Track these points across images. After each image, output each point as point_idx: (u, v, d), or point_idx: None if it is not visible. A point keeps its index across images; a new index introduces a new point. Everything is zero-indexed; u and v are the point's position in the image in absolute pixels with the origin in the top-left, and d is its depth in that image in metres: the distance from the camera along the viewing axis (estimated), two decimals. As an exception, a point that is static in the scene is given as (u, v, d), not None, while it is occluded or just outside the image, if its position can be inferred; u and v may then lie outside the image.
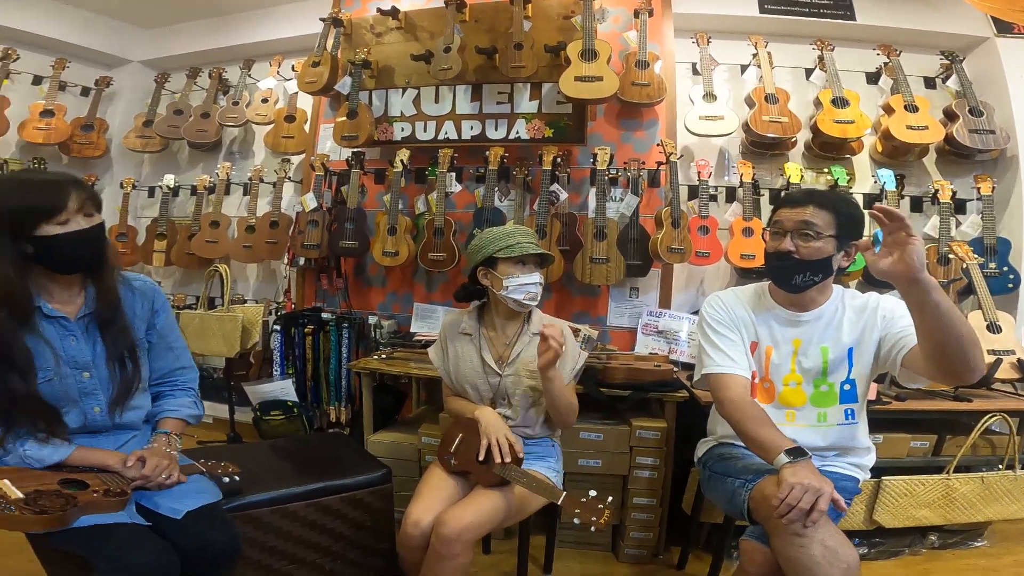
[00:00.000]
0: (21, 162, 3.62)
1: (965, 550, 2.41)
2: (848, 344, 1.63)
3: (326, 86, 3.16)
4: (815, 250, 1.54)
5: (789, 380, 1.67)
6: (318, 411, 3.10)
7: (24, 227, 1.32)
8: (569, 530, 2.40)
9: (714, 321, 1.72)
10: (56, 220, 1.34)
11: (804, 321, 1.65)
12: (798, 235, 1.55)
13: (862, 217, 1.58)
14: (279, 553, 1.84)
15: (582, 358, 1.94)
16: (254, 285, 3.85)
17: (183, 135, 3.69)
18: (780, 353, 1.68)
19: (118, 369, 1.49)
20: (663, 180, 2.95)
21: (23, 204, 1.33)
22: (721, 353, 1.67)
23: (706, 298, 1.80)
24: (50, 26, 3.72)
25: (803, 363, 1.66)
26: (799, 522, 1.29)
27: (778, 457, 1.40)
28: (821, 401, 1.65)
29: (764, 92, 2.87)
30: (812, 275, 1.56)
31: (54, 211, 1.34)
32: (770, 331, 1.69)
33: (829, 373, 1.64)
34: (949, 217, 2.74)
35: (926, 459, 2.35)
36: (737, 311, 1.72)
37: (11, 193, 1.34)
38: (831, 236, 1.53)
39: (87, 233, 1.39)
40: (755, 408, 1.57)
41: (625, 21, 3.06)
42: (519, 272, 1.80)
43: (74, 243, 1.37)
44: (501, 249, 1.79)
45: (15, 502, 1.23)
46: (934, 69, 3.07)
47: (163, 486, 1.45)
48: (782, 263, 1.58)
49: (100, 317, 1.47)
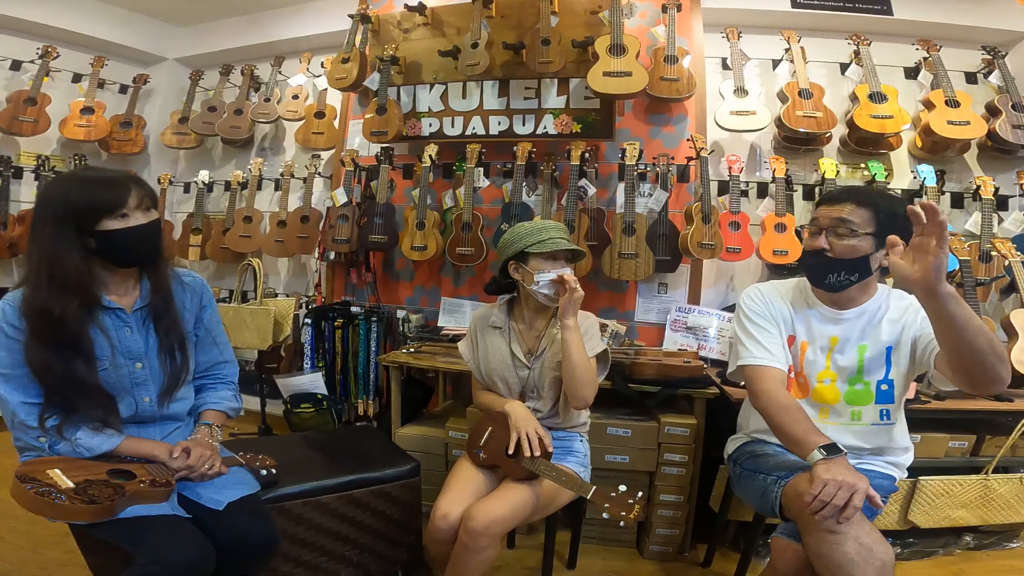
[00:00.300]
0: (63, 159, 3.73)
1: (1001, 551, 2.36)
2: (887, 343, 1.59)
3: (355, 82, 3.19)
4: (849, 248, 1.50)
5: (823, 377, 1.64)
6: (346, 404, 3.14)
7: (87, 222, 1.37)
8: (593, 526, 2.40)
9: (752, 312, 1.68)
10: (117, 215, 1.39)
11: (844, 319, 1.62)
12: (832, 232, 1.52)
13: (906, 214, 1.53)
14: (309, 545, 1.87)
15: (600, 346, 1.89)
16: (285, 279, 3.92)
17: (217, 132, 3.77)
18: (815, 349, 1.65)
19: (168, 361, 1.54)
20: (692, 175, 2.93)
21: (86, 200, 1.37)
22: (758, 344, 1.64)
23: (744, 290, 1.77)
24: (90, 24, 3.82)
25: (838, 361, 1.63)
26: (832, 519, 1.27)
27: (812, 453, 1.38)
28: (855, 399, 1.62)
29: (798, 87, 2.82)
30: (847, 274, 1.52)
31: (115, 207, 1.38)
32: (808, 327, 1.66)
33: (865, 372, 1.61)
34: (991, 213, 2.66)
35: (964, 459, 2.30)
36: (776, 304, 1.69)
37: (75, 189, 1.39)
38: (868, 234, 1.49)
39: (145, 228, 1.44)
40: (791, 402, 1.54)
41: (653, 16, 3.03)
42: (550, 267, 1.80)
43: (134, 238, 1.41)
44: (532, 244, 1.79)
45: (66, 491, 1.27)
46: (975, 64, 2.98)
47: (206, 477, 1.49)
48: (815, 261, 1.56)
49: (154, 310, 1.52)
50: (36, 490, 1.25)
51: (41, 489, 1.26)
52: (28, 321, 1.35)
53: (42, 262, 1.35)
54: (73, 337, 1.37)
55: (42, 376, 1.36)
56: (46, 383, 1.36)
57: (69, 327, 1.36)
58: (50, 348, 1.35)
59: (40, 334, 1.34)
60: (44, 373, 1.35)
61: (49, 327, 1.34)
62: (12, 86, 3.55)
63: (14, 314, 1.35)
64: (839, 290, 1.57)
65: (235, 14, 3.97)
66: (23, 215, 3.46)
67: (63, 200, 1.37)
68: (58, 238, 1.35)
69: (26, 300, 1.36)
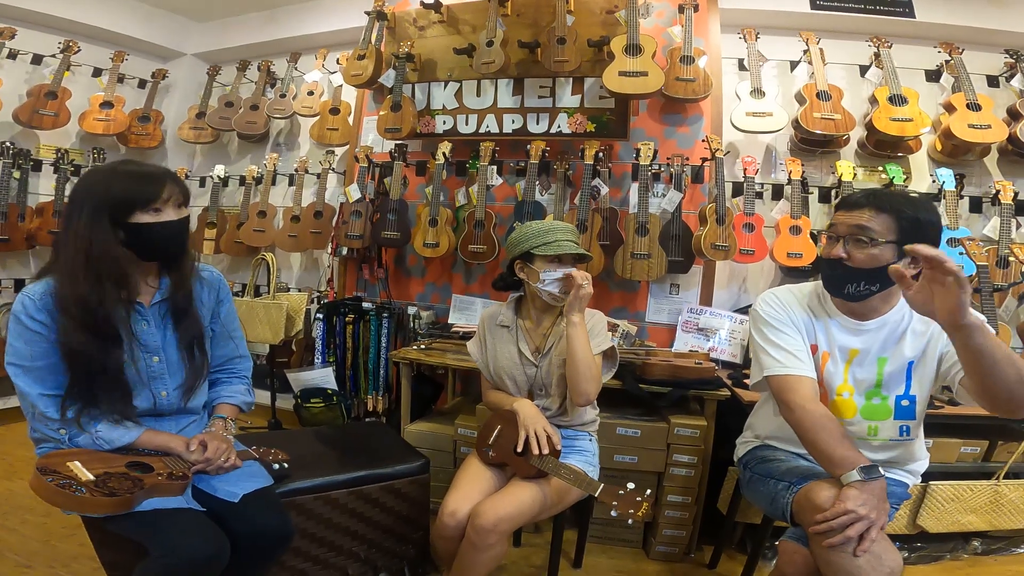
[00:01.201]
0: (82, 152, 3.78)
1: (1009, 556, 2.35)
2: (909, 358, 1.52)
3: (371, 79, 3.21)
4: (870, 258, 1.42)
5: (842, 390, 1.57)
6: (356, 400, 3.16)
7: (121, 213, 1.39)
8: (600, 525, 2.40)
9: (773, 319, 1.59)
10: (150, 209, 1.41)
11: (865, 330, 1.54)
12: (852, 241, 1.44)
13: (932, 220, 1.44)
14: (318, 540, 1.89)
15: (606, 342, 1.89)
16: (298, 274, 3.95)
17: (233, 127, 3.79)
18: (835, 361, 1.57)
19: (188, 357, 1.56)
20: (707, 176, 2.91)
21: (123, 191, 1.39)
22: (785, 352, 1.54)
23: (759, 296, 1.68)
24: (111, 19, 3.85)
25: (856, 374, 1.56)
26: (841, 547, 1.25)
27: (850, 473, 1.31)
28: (872, 414, 1.56)
29: (816, 89, 2.79)
30: (868, 284, 1.44)
31: (150, 200, 1.41)
32: (828, 337, 1.58)
33: (883, 386, 1.54)
34: (1010, 218, 2.63)
35: (976, 464, 2.28)
36: (795, 311, 1.60)
37: (113, 180, 1.40)
38: (890, 243, 1.40)
39: (176, 225, 1.46)
40: (829, 419, 1.44)
41: (669, 16, 3.02)
42: (555, 268, 1.80)
43: (163, 233, 1.44)
44: (539, 246, 1.80)
45: (86, 484, 1.28)
46: (997, 68, 2.93)
47: (221, 470, 1.51)
48: (833, 271, 1.48)
49: (175, 306, 1.54)
50: (57, 482, 1.26)
51: (62, 481, 1.27)
52: (64, 312, 1.36)
53: (80, 252, 1.36)
54: (111, 327, 1.40)
55: (77, 365, 1.37)
56: (79, 372, 1.38)
57: (108, 316, 1.39)
58: (89, 337, 1.36)
59: (80, 323, 1.36)
60: (81, 362, 1.37)
61: (90, 316, 1.36)
62: (33, 80, 3.60)
63: (34, 307, 1.36)
64: (859, 300, 1.49)
65: (253, 10, 4.00)
66: (41, 207, 3.51)
67: (102, 191, 1.39)
68: (95, 228, 1.37)
69: (61, 291, 1.37)
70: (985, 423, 2.26)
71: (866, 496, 1.28)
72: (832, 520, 1.26)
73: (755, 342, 1.64)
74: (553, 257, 1.80)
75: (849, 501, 1.27)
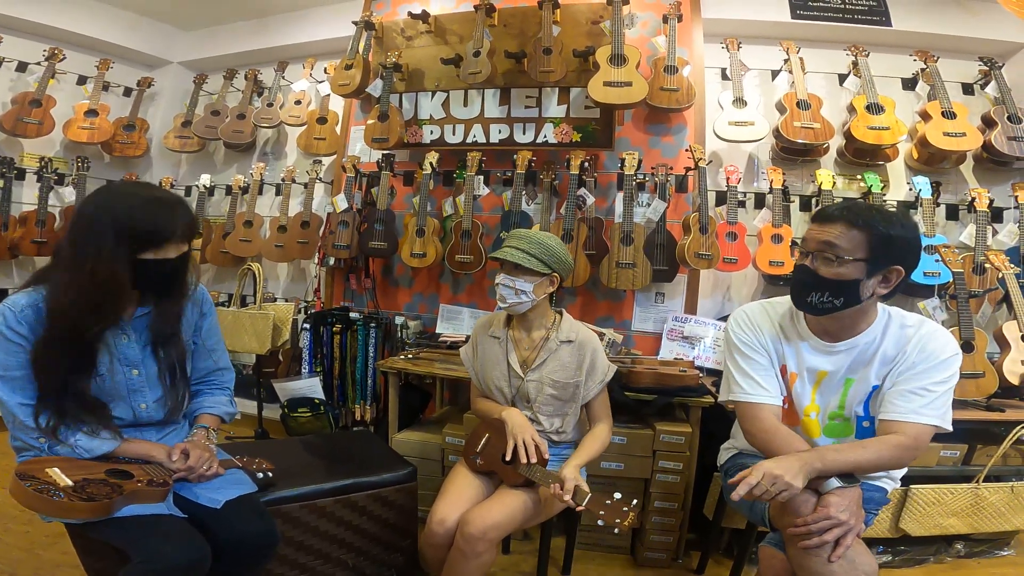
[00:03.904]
0: (65, 160, 3.76)
1: (991, 559, 2.38)
2: (874, 383, 1.51)
3: (358, 89, 3.22)
4: (836, 275, 1.39)
5: (810, 411, 1.59)
6: (343, 409, 3.16)
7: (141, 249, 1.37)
8: (588, 532, 2.41)
9: (741, 343, 1.61)
10: (157, 250, 1.39)
11: (836, 352, 1.52)
12: (818, 258, 1.41)
13: (907, 237, 1.40)
14: (305, 548, 1.88)
15: (611, 370, 1.94)
16: (284, 284, 3.94)
17: (219, 136, 3.79)
18: (803, 382, 1.58)
19: (168, 379, 1.56)
20: (691, 186, 2.95)
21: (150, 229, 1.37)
22: (749, 380, 1.57)
23: (733, 312, 1.70)
24: (97, 27, 3.85)
25: (823, 395, 1.57)
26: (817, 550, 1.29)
27: (830, 480, 1.36)
28: (835, 432, 1.57)
29: (796, 98, 2.85)
30: (832, 297, 1.41)
31: (161, 242, 1.39)
32: (798, 359, 1.57)
33: (845, 407, 1.55)
34: (986, 225, 2.69)
35: (956, 468, 2.31)
36: (766, 332, 1.60)
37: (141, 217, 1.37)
38: (859, 260, 1.38)
39: (173, 263, 1.43)
40: (791, 437, 1.49)
41: (654, 26, 3.07)
42: (501, 273, 1.85)
43: (159, 272, 1.42)
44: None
45: (64, 489, 1.29)
46: (972, 75, 3.01)
47: (203, 478, 1.51)
48: (800, 277, 1.47)
49: (160, 330, 1.52)
50: (35, 487, 1.27)
51: (40, 486, 1.28)
52: (50, 326, 1.35)
53: (89, 275, 1.33)
54: (86, 350, 1.40)
55: (42, 378, 1.37)
56: (43, 384, 1.38)
57: (88, 341, 1.39)
58: (63, 356, 1.36)
59: (61, 340, 1.35)
60: (45, 375, 1.37)
61: (78, 337, 1.36)
62: (18, 87, 3.57)
63: (14, 319, 1.36)
64: (821, 313, 1.47)
65: (240, 19, 4.01)
66: (25, 216, 3.47)
67: (127, 219, 1.35)
68: (112, 256, 1.34)
69: (54, 305, 1.35)
70: (964, 427, 2.29)
71: (847, 503, 1.32)
72: (812, 525, 1.29)
73: (725, 363, 1.68)
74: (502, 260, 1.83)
75: (831, 507, 1.31)
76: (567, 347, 1.88)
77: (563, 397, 1.86)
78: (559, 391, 1.86)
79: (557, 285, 1.88)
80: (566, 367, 1.86)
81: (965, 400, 2.35)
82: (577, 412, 1.92)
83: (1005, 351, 2.44)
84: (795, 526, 1.32)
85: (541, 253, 1.80)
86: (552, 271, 1.82)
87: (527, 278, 1.80)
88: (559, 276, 1.86)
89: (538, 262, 1.79)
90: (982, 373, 2.35)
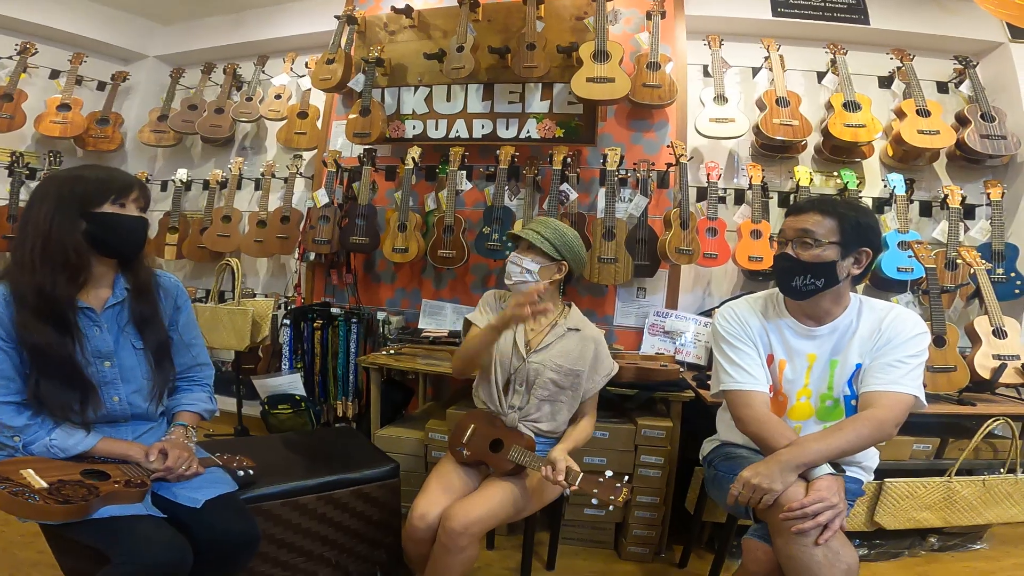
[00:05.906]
0: (37, 155, 3.67)
1: (964, 552, 2.43)
2: (857, 362, 1.60)
3: (340, 83, 3.19)
4: (814, 257, 1.53)
5: (801, 395, 1.65)
6: (325, 405, 3.13)
7: (91, 203, 1.42)
8: (572, 527, 2.42)
9: (729, 335, 1.68)
10: (117, 202, 1.45)
11: (818, 335, 1.62)
12: (798, 244, 1.55)
13: (871, 224, 1.56)
14: (288, 545, 1.86)
15: (615, 368, 1.99)
16: (264, 279, 3.89)
17: (197, 130, 3.73)
18: (795, 367, 1.65)
19: (155, 363, 1.55)
20: (672, 181, 2.97)
21: (97, 183, 1.44)
22: (739, 368, 1.64)
23: (719, 309, 1.78)
24: (70, 21, 3.76)
25: (814, 377, 1.64)
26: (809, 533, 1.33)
27: (822, 467, 1.43)
28: (827, 416, 1.64)
29: (775, 95, 2.88)
30: (814, 279, 1.53)
31: (120, 194, 1.45)
32: (784, 344, 1.66)
33: (835, 389, 1.63)
34: (958, 222, 2.74)
35: (929, 462, 2.37)
36: (751, 323, 1.68)
37: (83, 176, 1.45)
38: (833, 243, 1.52)
39: (137, 221, 1.50)
40: (781, 426, 1.56)
41: (637, 23, 3.08)
42: (516, 253, 1.91)
43: (125, 226, 1.47)
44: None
45: (39, 491, 1.26)
46: (947, 74, 3.07)
47: (183, 477, 1.49)
48: (782, 264, 1.59)
49: (140, 316, 1.54)
50: (9, 490, 1.24)
51: (15, 489, 1.24)
52: (21, 305, 1.35)
53: (38, 239, 1.37)
54: (66, 319, 1.40)
55: (39, 360, 1.36)
56: (39, 366, 1.37)
57: (62, 306, 1.39)
58: (48, 329, 1.37)
59: (37, 314, 1.36)
60: (42, 355, 1.36)
61: (46, 304, 1.36)
62: (-12, 81, 3.49)
63: None
64: (806, 296, 1.57)
65: (219, 13, 3.94)
66: (-4, 211, 3.40)
67: (70, 185, 1.42)
68: (58, 216, 1.39)
69: (16, 284, 1.37)
70: (937, 421, 2.35)
71: (837, 487, 1.39)
72: (808, 507, 1.34)
73: (715, 356, 1.74)
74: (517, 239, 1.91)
75: (824, 490, 1.37)
76: (574, 335, 1.90)
77: (562, 384, 1.86)
78: (560, 377, 1.85)
79: (565, 273, 1.91)
80: (569, 353, 1.87)
81: (937, 394, 2.39)
82: (573, 407, 1.92)
83: (976, 345, 2.50)
84: (790, 509, 1.35)
85: (554, 238, 1.87)
86: (562, 258, 1.87)
87: (535, 258, 1.87)
88: (568, 265, 1.90)
89: (549, 245, 1.85)
90: (954, 367, 2.40)
